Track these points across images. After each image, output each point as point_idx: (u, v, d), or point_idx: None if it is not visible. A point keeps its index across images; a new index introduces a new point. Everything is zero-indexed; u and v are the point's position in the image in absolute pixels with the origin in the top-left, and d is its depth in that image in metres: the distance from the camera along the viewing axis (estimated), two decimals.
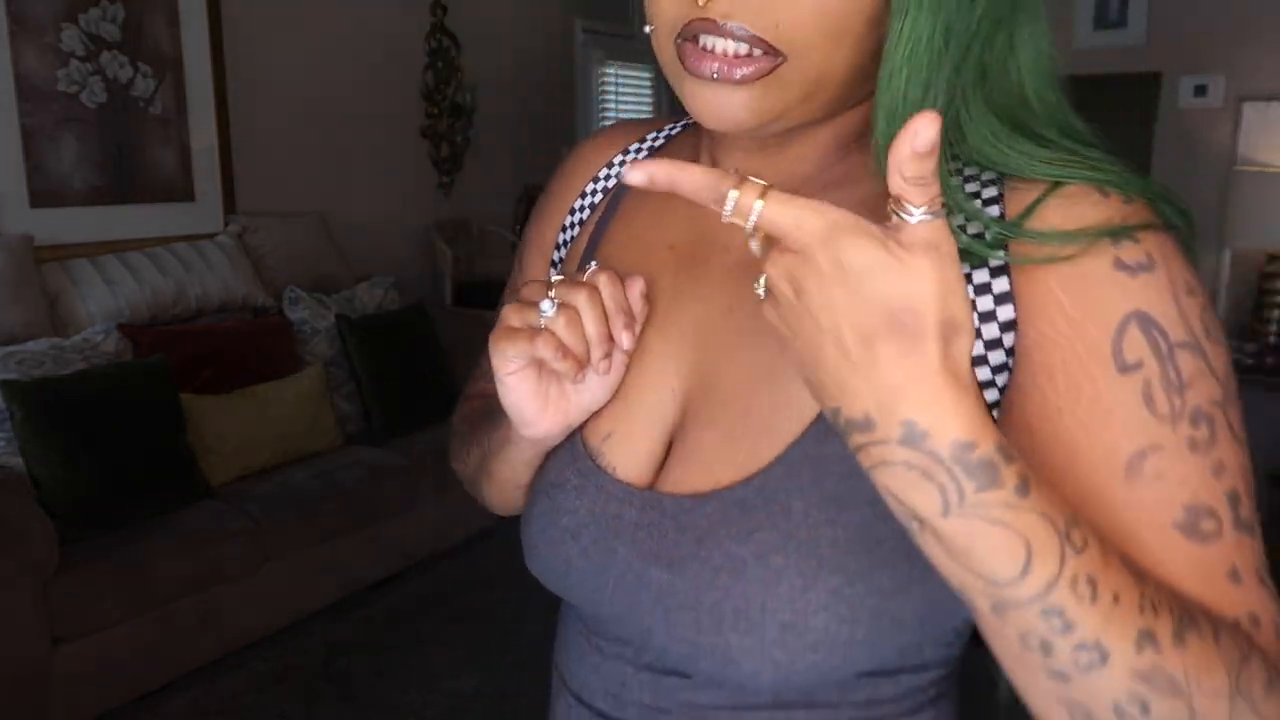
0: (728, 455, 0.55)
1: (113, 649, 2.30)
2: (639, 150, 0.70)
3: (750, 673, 0.52)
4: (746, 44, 0.48)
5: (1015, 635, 0.41)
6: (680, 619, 0.53)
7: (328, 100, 3.79)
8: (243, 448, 2.81)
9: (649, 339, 0.60)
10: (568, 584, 0.61)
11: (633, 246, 0.64)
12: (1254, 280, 3.60)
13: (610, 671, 0.61)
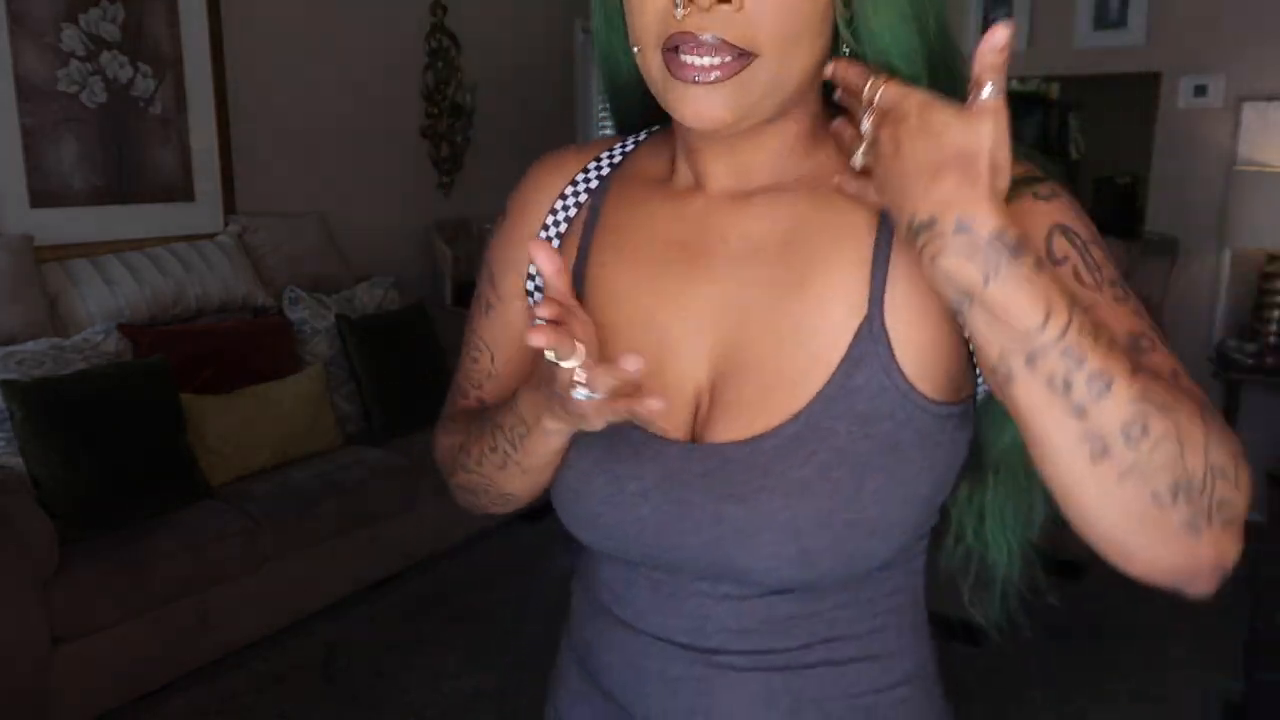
0: (764, 405, 0.66)
1: (113, 649, 2.30)
2: (599, 166, 0.77)
3: (826, 570, 0.65)
4: (720, 53, 0.59)
5: (1044, 381, 0.52)
6: (762, 540, 0.64)
7: (328, 100, 3.79)
8: (243, 448, 2.81)
9: (668, 322, 0.70)
10: (641, 541, 0.69)
11: (631, 249, 0.72)
12: (1254, 280, 3.59)
13: (692, 609, 0.70)
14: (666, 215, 0.72)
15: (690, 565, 0.69)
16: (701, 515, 0.66)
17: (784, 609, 0.69)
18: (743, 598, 0.69)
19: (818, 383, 0.65)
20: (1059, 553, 2.74)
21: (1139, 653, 2.77)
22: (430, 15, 4.20)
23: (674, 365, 0.69)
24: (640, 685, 0.74)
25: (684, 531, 0.67)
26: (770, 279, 0.67)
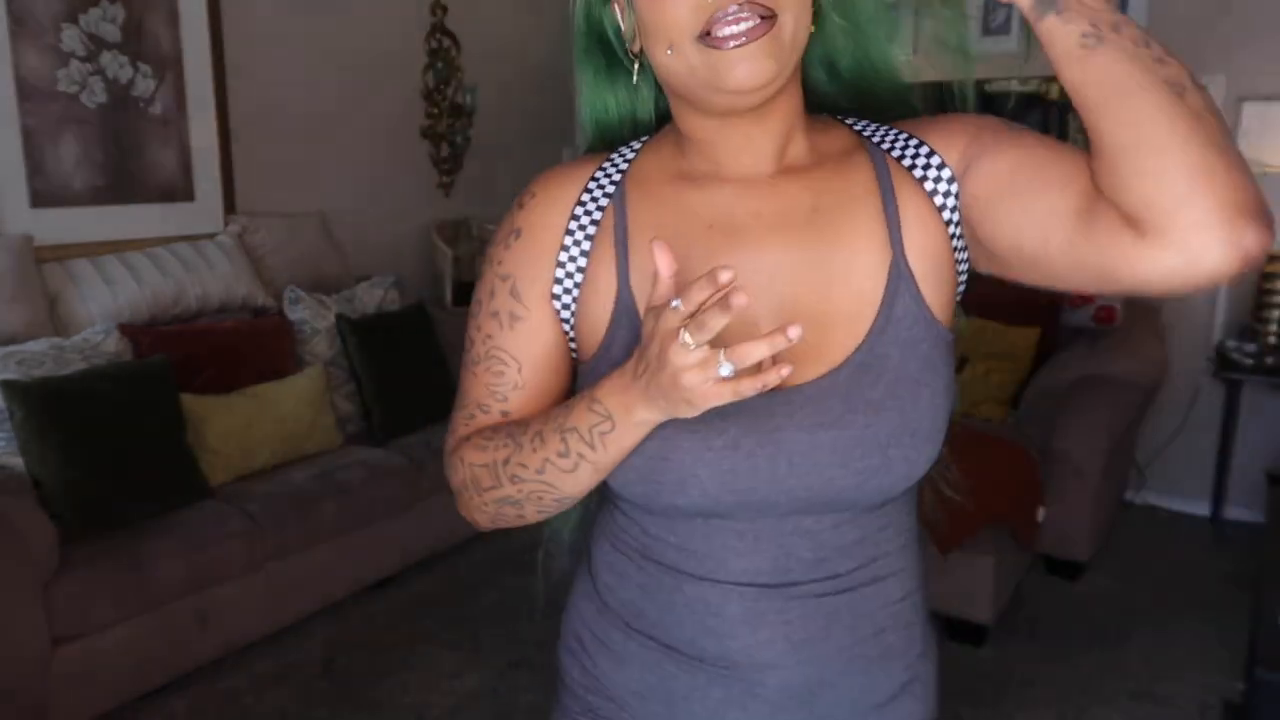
0: (827, 345, 0.77)
1: (112, 649, 2.30)
2: (608, 175, 0.84)
3: (900, 476, 0.77)
4: (750, 18, 0.70)
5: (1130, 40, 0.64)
6: (854, 455, 0.76)
7: (328, 100, 3.79)
8: (243, 448, 2.81)
9: None
10: (735, 489, 0.77)
11: (671, 237, 0.74)
12: (1254, 280, 3.59)
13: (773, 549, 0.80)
14: (697, 203, 0.81)
15: (783, 501, 0.78)
16: (794, 448, 0.76)
17: (849, 534, 0.81)
18: (817, 530, 0.80)
19: (868, 319, 0.78)
20: (1059, 553, 2.77)
21: (1139, 653, 2.77)
22: (430, 15, 4.20)
23: (738, 330, 0.72)
24: (721, 628, 0.81)
25: (778, 468, 0.77)
26: (804, 243, 0.79)
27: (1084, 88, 0.65)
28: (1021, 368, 3.46)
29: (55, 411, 2.38)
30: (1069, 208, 0.69)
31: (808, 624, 0.81)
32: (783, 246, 0.79)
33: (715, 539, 0.81)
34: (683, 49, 0.73)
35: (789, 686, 0.82)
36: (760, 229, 0.79)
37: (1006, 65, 4.00)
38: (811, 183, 0.80)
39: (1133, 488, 3.87)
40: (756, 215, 0.79)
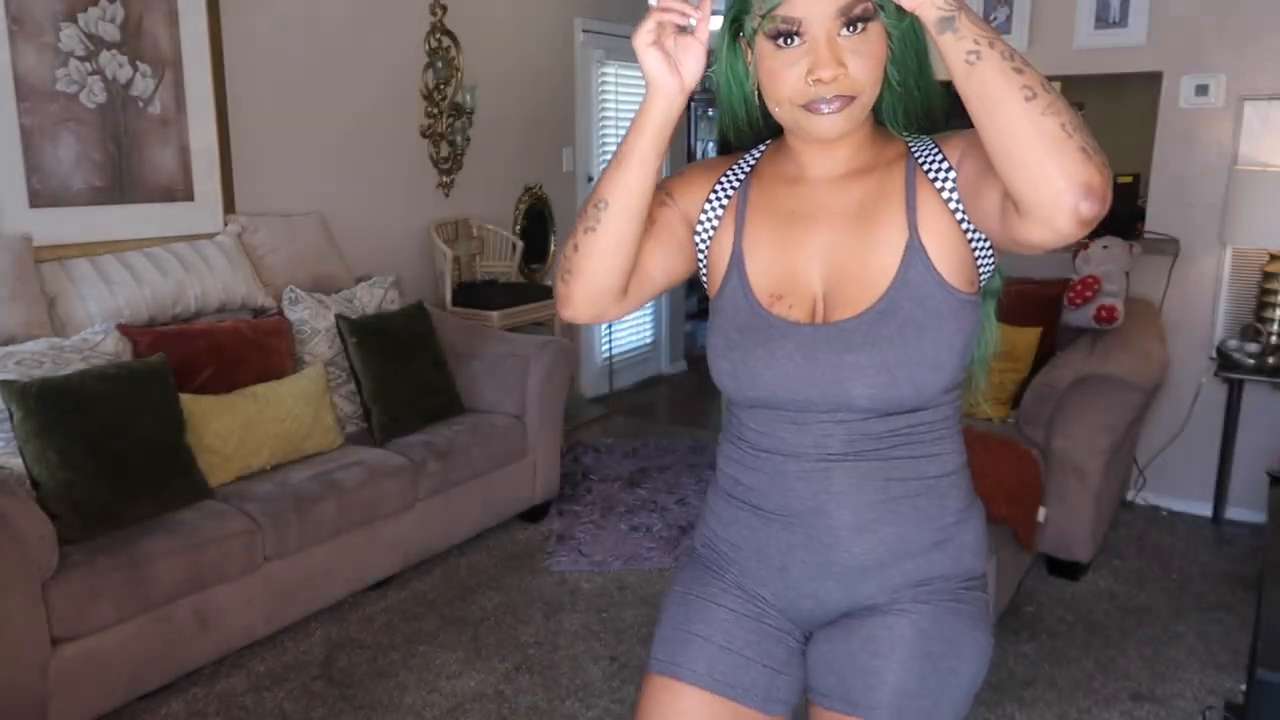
0: (859, 297, 1.09)
1: (112, 649, 2.30)
2: (737, 173, 1.21)
3: (905, 391, 1.07)
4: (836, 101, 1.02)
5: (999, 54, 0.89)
6: (868, 373, 1.06)
7: (327, 100, 3.79)
8: (242, 448, 2.80)
9: (795, 257, 1.13)
10: (789, 387, 1.10)
11: (770, 216, 1.16)
12: (1254, 280, 3.59)
13: (817, 433, 1.11)
14: (786, 196, 1.16)
15: (819, 401, 1.10)
16: (827, 364, 1.08)
17: (878, 428, 1.10)
18: (850, 421, 1.10)
19: (888, 280, 1.08)
20: (1060, 553, 2.78)
21: (1140, 653, 2.76)
22: (430, 15, 4.20)
23: (803, 281, 1.13)
24: (783, 484, 1.14)
25: (816, 376, 1.09)
26: (850, 228, 1.11)
27: (970, 100, 0.91)
28: (1021, 368, 3.46)
29: (54, 412, 2.38)
30: (997, 196, 0.97)
31: (844, 482, 1.11)
32: (836, 229, 1.12)
33: (778, 425, 1.14)
34: (784, 108, 1.06)
35: (834, 530, 1.12)
36: (823, 215, 1.13)
37: None
38: (863, 185, 1.12)
39: (1133, 488, 3.87)
40: (822, 206, 1.13)
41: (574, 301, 1.13)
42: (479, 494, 3.35)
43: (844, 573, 1.13)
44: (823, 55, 1.00)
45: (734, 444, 1.20)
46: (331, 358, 3.28)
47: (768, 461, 1.15)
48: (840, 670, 1.13)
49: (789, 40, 1.02)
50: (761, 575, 1.19)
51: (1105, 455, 3.02)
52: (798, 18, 1.00)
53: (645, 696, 1.22)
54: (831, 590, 1.15)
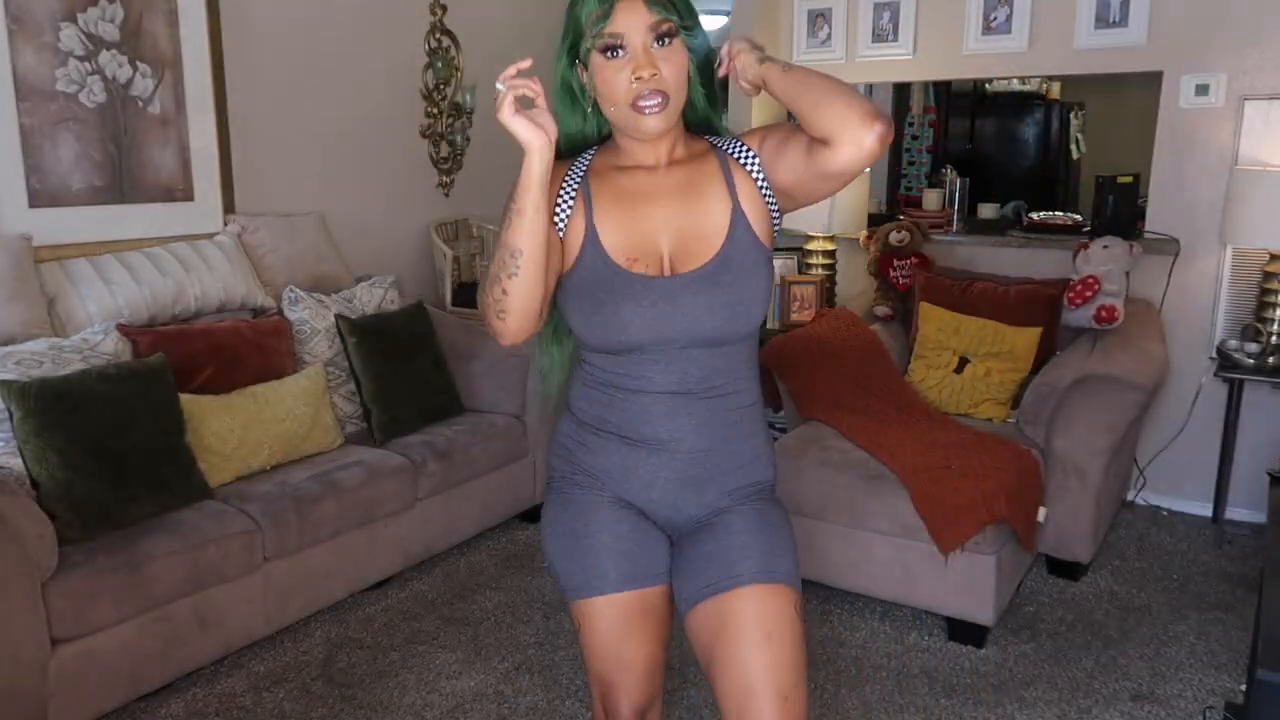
0: (700, 254, 1.38)
1: (111, 650, 2.30)
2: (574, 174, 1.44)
3: (740, 324, 1.38)
4: (655, 98, 1.32)
5: (801, 69, 1.33)
6: (715, 310, 1.36)
7: (327, 100, 3.79)
8: (243, 448, 2.80)
9: (644, 226, 1.40)
10: (653, 329, 1.37)
11: (616, 198, 1.42)
12: (1255, 280, 3.59)
13: (676, 370, 1.40)
14: (626, 181, 1.43)
15: (679, 337, 1.38)
16: (685, 305, 1.37)
17: (718, 363, 1.41)
18: (700, 359, 1.40)
19: (722, 239, 1.39)
20: (1060, 553, 2.78)
21: (1140, 653, 2.76)
22: (430, 15, 4.20)
23: (651, 245, 1.40)
24: (648, 417, 1.42)
25: (676, 316, 1.37)
26: (684, 201, 1.41)
27: (790, 89, 1.32)
28: (1021, 368, 3.46)
29: (54, 412, 2.37)
30: (801, 151, 1.34)
31: (699, 414, 1.42)
32: (672, 203, 1.41)
33: (644, 366, 1.40)
34: (619, 109, 1.35)
35: (693, 451, 1.43)
36: (658, 194, 1.41)
37: (1007, 64, 4.00)
38: (683, 170, 1.43)
39: (1133, 488, 3.87)
40: (656, 187, 1.42)
41: (510, 333, 1.33)
42: (479, 494, 3.35)
43: (695, 484, 1.45)
44: (641, 60, 1.31)
45: (597, 389, 1.46)
46: (331, 358, 3.28)
47: (634, 400, 1.42)
48: (716, 557, 1.42)
49: (615, 53, 1.32)
50: (634, 490, 1.46)
51: (1105, 455, 3.02)
52: (620, 32, 1.31)
53: (585, 618, 1.46)
54: (689, 498, 1.46)
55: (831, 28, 4.31)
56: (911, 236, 3.98)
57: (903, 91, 7.06)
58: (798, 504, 2.93)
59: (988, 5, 3.93)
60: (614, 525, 1.45)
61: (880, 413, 3.28)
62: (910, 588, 2.81)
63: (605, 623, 1.44)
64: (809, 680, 1.47)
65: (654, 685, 1.49)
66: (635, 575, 1.44)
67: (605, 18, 1.31)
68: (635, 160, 1.42)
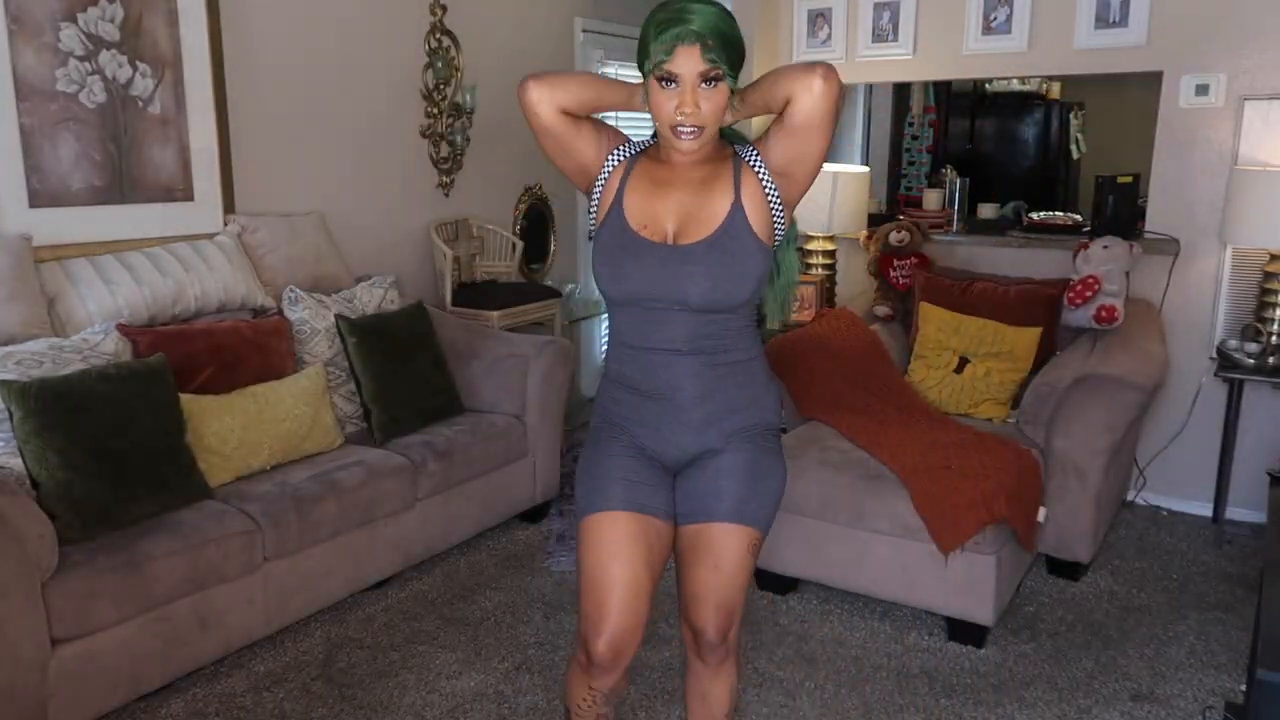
0: (699, 231, 1.64)
1: (111, 650, 2.30)
2: (629, 149, 1.75)
3: (723, 294, 1.63)
4: (692, 131, 1.59)
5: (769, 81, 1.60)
6: (700, 280, 1.61)
7: (327, 100, 3.79)
8: (243, 448, 2.80)
9: (659, 205, 1.67)
10: (648, 287, 1.64)
11: (646, 182, 1.69)
12: (1255, 280, 3.59)
13: (669, 329, 1.65)
14: (658, 170, 1.70)
15: (665, 296, 1.63)
16: (673, 270, 1.62)
17: (706, 328, 1.66)
18: (688, 322, 1.65)
19: (718, 224, 1.64)
20: (1060, 553, 2.78)
21: (1140, 653, 2.76)
22: (430, 15, 4.19)
23: (660, 219, 1.66)
24: (651, 372, 1.69)
25: (668, 280, 1.62)
26: (696, 191, 1.67)
27: (752, 111, 1.63)
28: (1021, 368, 3.46)
29: (54, 412, 2.37)
30: (780, 126, 1.59)
31: (691, 368, 1.68)
32: (685, 192, 1.67)
33: (645, 322, 1.68)
34: (663, 126, 1.61)
35: (692, 398, 1.69)
36: (678, 184, 1.68)
37: (1007, 64, 4.00)
38: (704, 169, 1.68)
39: (1133, 488, 3.87)
40: (678, 179, 1.68)
41: (532, 86, 1.62)
42: (479, 494, 3.35)
43: (694, 427, 1.71)
44: (687, 98, 1.56)
45: (618, 347, 1.74)
46: (331, 358, 3.28)
47: (641, 356, 1.69)
48: (700, 493, 1.71)
49: (668, 84, 1.57)
50: (644, 435, 1.73)
51: (1105, 455, 3.02)
52: (677, 72, 1.55)
53: (586, 532, 1.71)
54: (688, 439, 1.72)
55: (831, 28, 4.31)
56: (911, 236, 3.98)
57: (903, 91, 7.06)
58: (798, 504, 2.93)
59: (988, 5, 3.93)
60: (623, 460, 1.73)
61: (880, 413, 3.28)
62: (910, 588, 2.81)
63: (602, 535, 1.69)
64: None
65: (635, 614, 1.67)
66: (635, 502, 1.70)
67: (668, 55, 1.54)
68: (671, 155, 1.67)
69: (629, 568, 1.67)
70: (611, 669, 1.70)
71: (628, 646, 1.69)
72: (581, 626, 1.71)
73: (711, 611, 1.73)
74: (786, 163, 1.61)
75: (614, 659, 1.68)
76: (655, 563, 1.71)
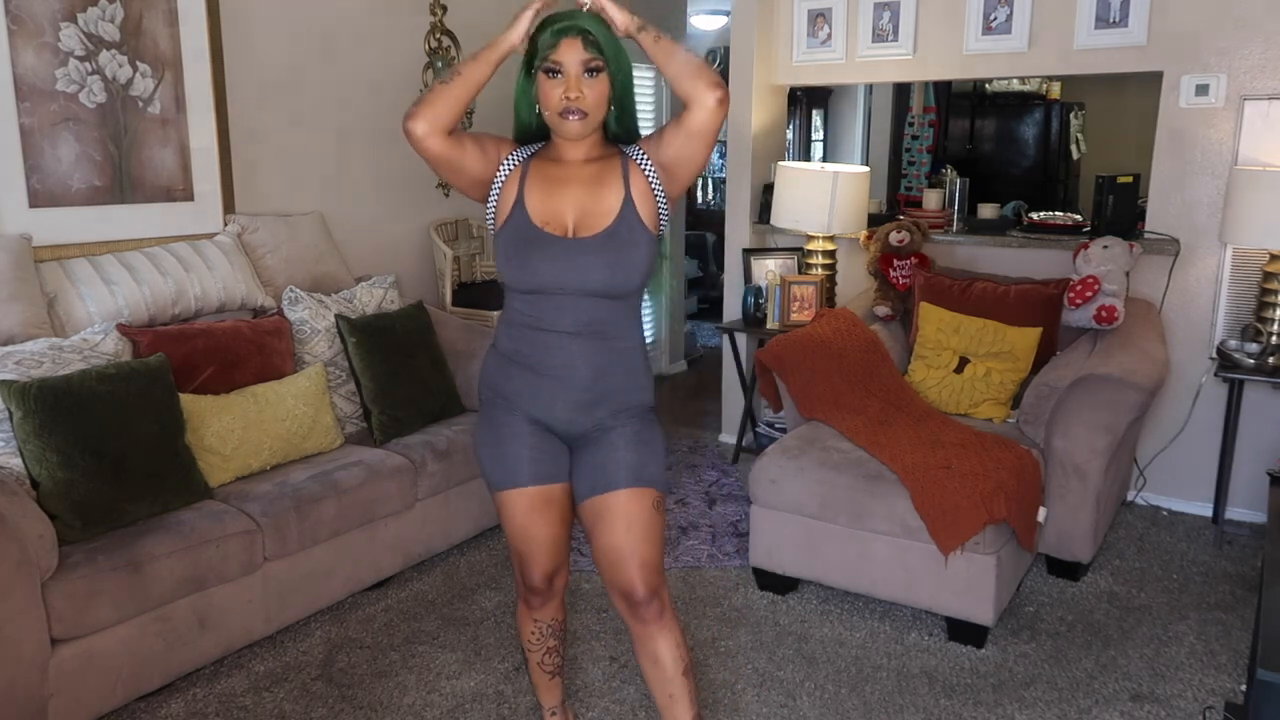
0: (596, 224, 1.81)
1: (111, 650, 2.30)
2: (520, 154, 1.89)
3: (619, 282, 1.81)
4: (578, 113, 1.78)
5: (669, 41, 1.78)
6: (599, 267, 1.79)
7: (328, 100, 3.79)
8: (243, 448, 2.80)
9: (559, 202, 1.83)
10: (553, 276, 1.79)
11: (544, 180, 1.84)
12: (1255, 280, 3.59)
13: (570, 314, 1.82)
14: (553, 170, 1.86)
15: (569, 285, 1.79)
16: (577, 260, 1.78)
17: (601, 313, 1.83)
18: (588, 307, 1.81)
19: (613, 217, 1.80)
20: (1060, 554, 2.79)
21: (1140, 653, 2.76)
22: (430, 15, 4.19)
23: (560, 215, 1.82)
24: (547, 352, 1.84)
25: (570, 267, 1.78)
26: (590, 188, 1.83)
27: (659, 57, 1.75)
28: (1021, 368, 3.46)
29: (54, 412, 2.38)
30: (674, 126, 1.78)
31: (586, 350, 1.84)
32: (581, 188, 1.83)
33: (547, 310, 1.82)
34: (551, 115, 1.79)
35: (585, 378, 1.85)
36: (572, 181, 1.84)
37: (1007, 64, 4.00)
38: (595, 167, 1.85)
39: (1133, 488, 3.87)
40: (572, 177, 1.84)
41: (415, 116, 1.73)
42: (479, 494, 3.35)
43: (585, 404, 1.87)
44: (571, 84, 1.75)
45: (514, 327, 1.89)
46: (331, 358, 3.28)
47: (539, 337, 1.84)
48: (599, 466, 1.87)
49: (554, 74, 1.76)
50: (538, 409, 1.88)
51: (1105, 455, 3.02)
52: (560, 60, 1.75)
53: (504, 505, 1.91)
54: (580, 415, 1.88)
55: (831, 28, 4.31)
56: (911, 236, 3.98)
57: (903, 91, 7.06)
58: (798, 504, 2.93)
59: (988, 5, 3.93)
60: (525, 437, 1.89)
61: (880, 413, 3.28)
62: (910, 588, 2.81)
63: (519, 509, 1.90)
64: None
65: (558, 557, 1.97)
66: (540, 475, 1.89)
67: (553, 48, 1.75)
68: (563, 156, 1.86)
69: (546, 528, 1.92)
70: (548, 596, 2.00)
71: (557, 577, 1.99)
72: (515, 569, 1.99)
73: (636, 569, 1.86)
74: (673, 161, 1.80)
75: (548, 586, 1.98)
76: (565, 518, 1.95)
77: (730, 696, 2.54)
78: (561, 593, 2.03)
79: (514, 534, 1.93)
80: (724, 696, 2.54)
